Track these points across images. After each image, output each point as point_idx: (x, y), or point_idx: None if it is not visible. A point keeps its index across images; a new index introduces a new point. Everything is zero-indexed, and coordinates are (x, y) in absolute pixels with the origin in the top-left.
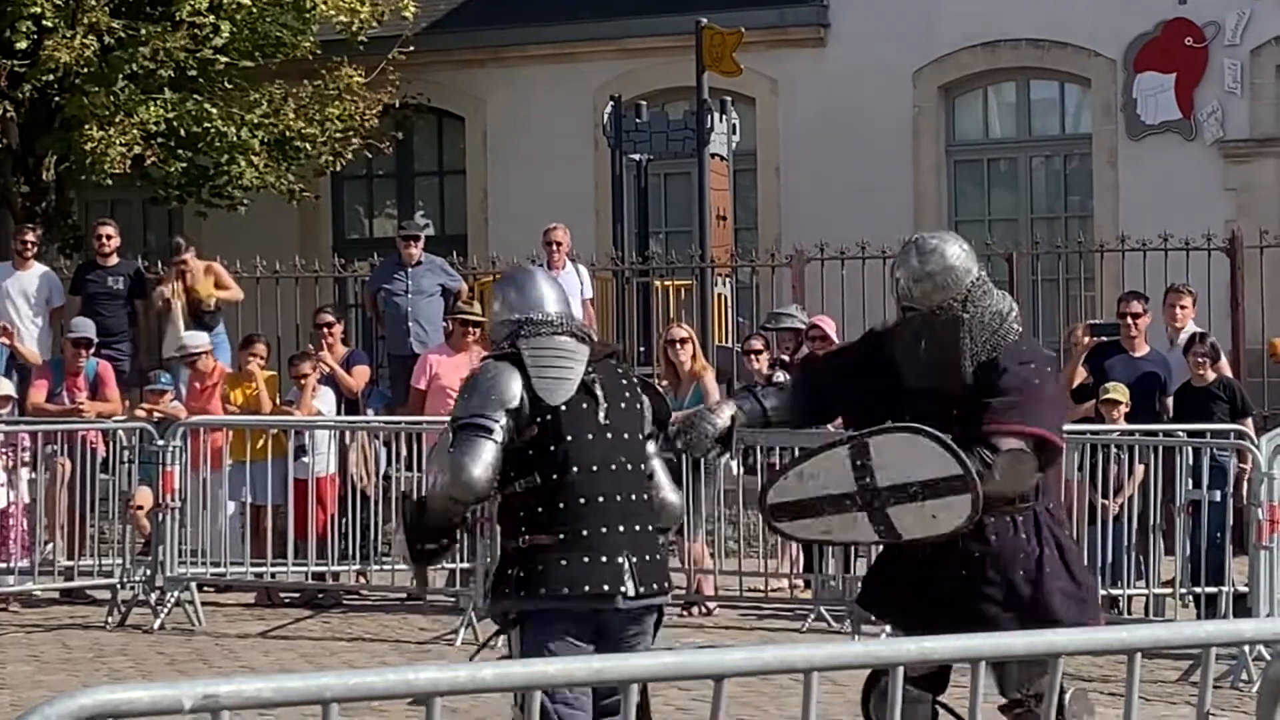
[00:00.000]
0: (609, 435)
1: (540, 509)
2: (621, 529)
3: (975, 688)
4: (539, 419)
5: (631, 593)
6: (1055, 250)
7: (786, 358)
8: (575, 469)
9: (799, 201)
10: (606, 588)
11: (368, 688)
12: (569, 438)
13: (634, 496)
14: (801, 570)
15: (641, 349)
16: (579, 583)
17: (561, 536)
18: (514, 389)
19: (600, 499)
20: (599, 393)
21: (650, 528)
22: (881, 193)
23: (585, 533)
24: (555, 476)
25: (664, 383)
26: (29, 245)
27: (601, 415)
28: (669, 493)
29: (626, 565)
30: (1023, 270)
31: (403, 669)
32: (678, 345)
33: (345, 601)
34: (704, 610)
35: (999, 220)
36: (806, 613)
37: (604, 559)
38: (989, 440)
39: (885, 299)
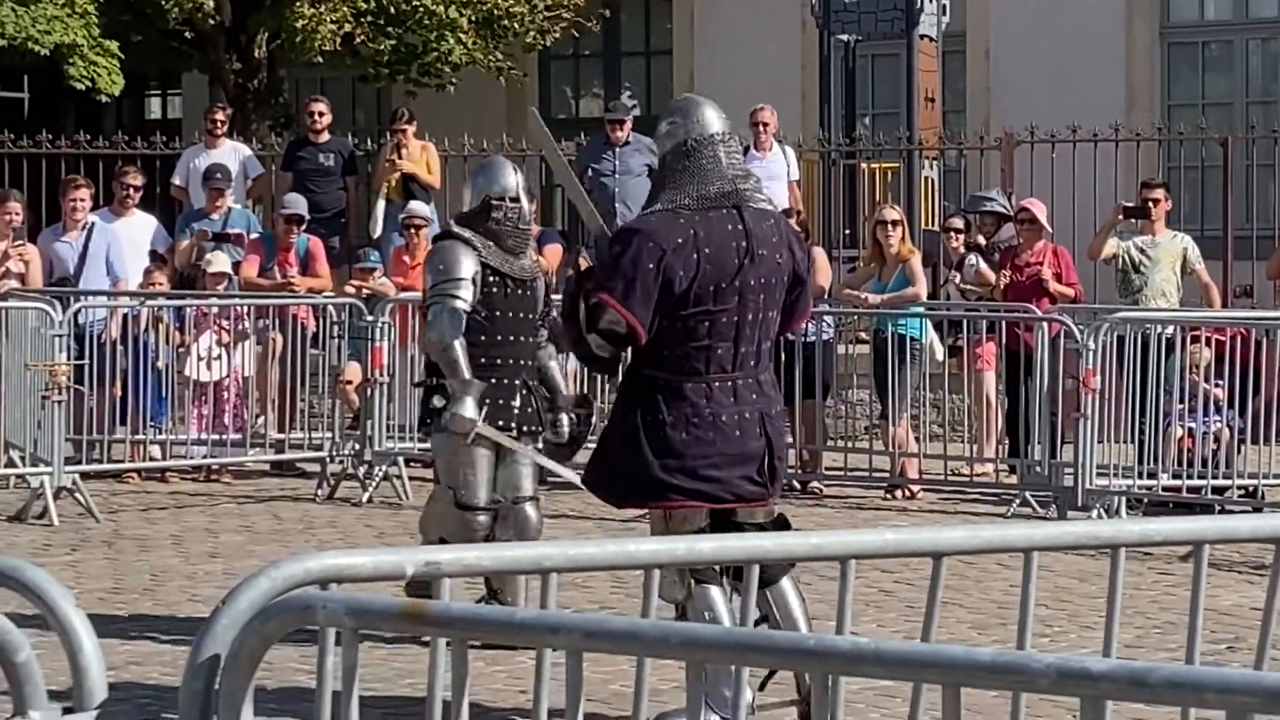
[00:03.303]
0: None
1: None
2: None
3: (1198, 575)
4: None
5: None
6: (1271, 135)
7: (984, 241)
8: None
9: (1008, 84)
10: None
11: (587, 558)
12: None
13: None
14: (1007, 455)
15: (847, 231)
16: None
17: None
18: None
19: None
20: None
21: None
22: (1093, 76)
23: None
24: None
25: (870, 264)
26: (219, 124)
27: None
28: None
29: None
30: (1237, 155)
31: (623, 540)
32: (888, 226)
33: (549, 479)
34: (907, 494)
35: (1213, 105)
36: (1011, 498)
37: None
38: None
39: (1097, 182)
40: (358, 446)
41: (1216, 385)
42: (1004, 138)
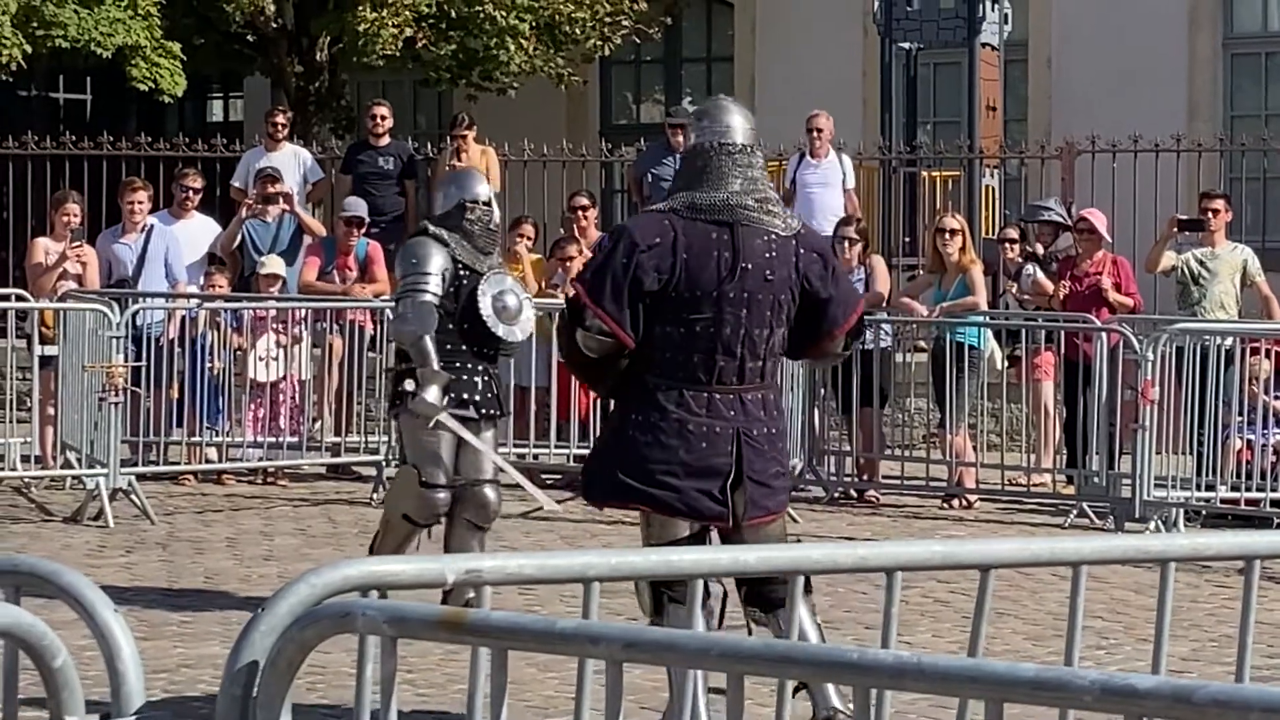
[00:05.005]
0: None
1: None
2: None
3: (1249, 591)
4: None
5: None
6: None
7: (1041, 250)
8: None
9: (1070, 93)
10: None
11: (630, 567)
12: None
13: None
14: (1064, 465)
15: (907, 239)
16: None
17: None
18: None
19: None
20: None
21: None
22: (1155, 86)
23: None
24: None
25: (931, 272)
26: (280, 127)
27: None
28: None
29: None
30: None
31: (666, 550)
32: (948, 235)
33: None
34: (964, 503)
35: (1276, 116)
36: (1069, 508)
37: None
38: None
39: (1158, 192)
40: None
41: (1276, 397)
42: (1065, 147)
